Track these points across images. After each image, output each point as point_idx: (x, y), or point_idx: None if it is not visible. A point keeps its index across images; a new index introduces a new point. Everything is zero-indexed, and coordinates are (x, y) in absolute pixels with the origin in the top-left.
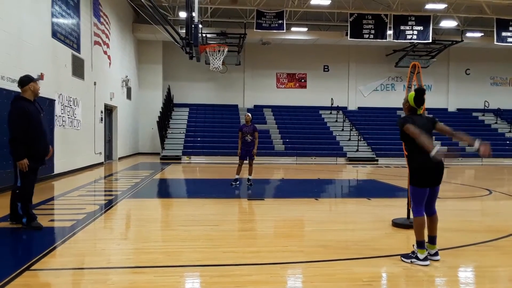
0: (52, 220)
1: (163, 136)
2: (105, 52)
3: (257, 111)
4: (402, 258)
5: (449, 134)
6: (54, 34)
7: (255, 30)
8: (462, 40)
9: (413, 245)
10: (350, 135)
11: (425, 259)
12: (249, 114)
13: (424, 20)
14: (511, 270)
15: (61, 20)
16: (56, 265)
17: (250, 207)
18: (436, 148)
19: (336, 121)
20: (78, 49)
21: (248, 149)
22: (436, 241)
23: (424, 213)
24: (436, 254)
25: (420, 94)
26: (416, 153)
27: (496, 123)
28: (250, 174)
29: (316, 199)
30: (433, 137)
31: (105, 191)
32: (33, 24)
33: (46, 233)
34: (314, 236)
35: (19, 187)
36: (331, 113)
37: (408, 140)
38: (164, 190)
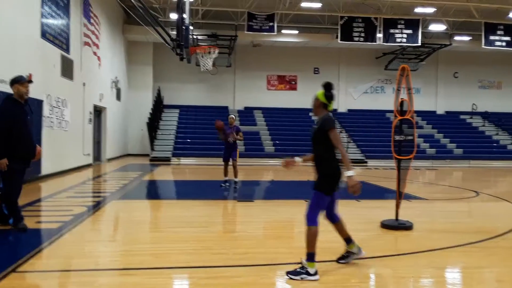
0: (39, 222)
1: (152, 138)
2: (94, 53)
3: (248, 112)
4: (289, 276)
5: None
6: (44, 35)
7: (246, 32)
8: (450, 44)
9: (302, 259)
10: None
11: (316, 273)
12: (233, 116)
13: (413, 23)
14: (498, 271)
15: (50, 21)
16: (43, 267)
17: (240, 209)
18: (353, 171)
19: None
20: (67, 50)
21: (231, 151)
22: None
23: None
24: (360, 250)
25: (329, 88)
26: (331, 159)
27: (483, 125)
28: (235, 176)
29: (306, 201)
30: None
31: (93, 192)
32: (23, 24)
33: (33, 235)
34: (303, 238)
35: (2, 189)
36: None
37: (325, 143)
38: (153, 191)
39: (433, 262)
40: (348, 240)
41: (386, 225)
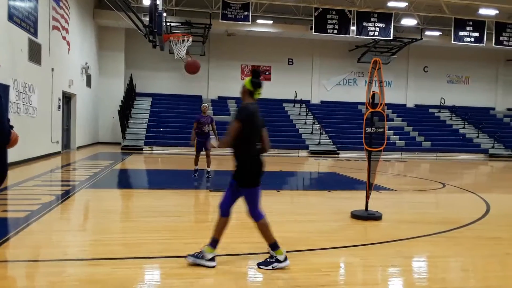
0: (5, 211)
1: (124, 126)
2: (64, 38)
3: (221, 102)
4: (261, 267)
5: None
6: (11, 17)
7: (220, 20)
8: (421, 38)
9: (269, 250)
10: (312, 128)
11: (286, 258)
12: (206, 105)
13: (386, 17)
14: (463, 260)
15: (18, 3)
16: (9, 257)
17: (212, 199)
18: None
19: (299, 114)
20: (35, 34)
21: (205, 140)
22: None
23: (228, 215)
24: (212, 259)
25: (257, 75)
26: (247, 150)
27: (451, 119)
28: (208, 166)
29: (278, 191)
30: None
31: (62, 181)
32: None
33: None
34: (275, 228)
35: None
36: (294, 106)
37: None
38: (124, 180)
39: (401, 252)
40: (215, 242)
41: (356, 216)
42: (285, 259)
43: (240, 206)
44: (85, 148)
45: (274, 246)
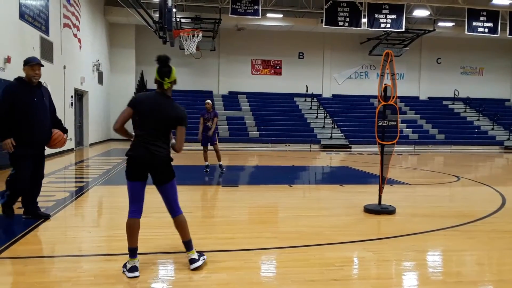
0: (21, 207)
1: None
2: (75, 35)
3: (232, 97)
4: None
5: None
6: (22, 16)
7: (230, 15)
8: (434, 30)
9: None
10: (324, 122)
11: (132, 269)
12: (209, 102)
13: (397, 8)
14: (478, 254)
15: (29, 1)
16: (25, 253)
17: (224, 194)
18: None
19: (311, 108)
20: (47, 32)
21: (210, 136)
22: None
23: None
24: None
25: (160, 62)
26: (135, 138)
27: (465, 111)
28: (219, 160)
29: (290, 186)
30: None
31: (75, 177)
32: (0, 4)
33: (15, 221)
34: (288, 222)
35: (12, 174)
36: (305, 100)
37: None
38: None
39: (415, 246)
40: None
41: (369, 210)
42: (131, 269)
43: (252, 203)
44: (97, 145)
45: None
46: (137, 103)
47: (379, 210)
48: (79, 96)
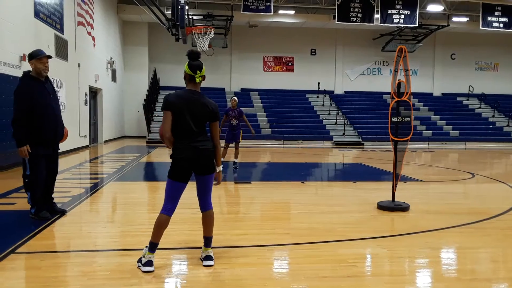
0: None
1: (149, 119)
2: (89, 33)
3: (244, 94)
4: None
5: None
6: (37, 14)
7: (242, 12)
8: (448, 25)
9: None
10: (336, 119)
11: (148, 264)
12: (236, 98)
13: (411, 4)
14: (493, 251)
15: (44, 0)
16: (41, 248)
17: (237, 190)
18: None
19: (323, 105)
20: (61, 30)
21: (234, 132)
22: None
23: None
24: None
25: (192, 56)
26: (175, 142)
27: (480, 107)
28: (236, 157)
29: (303, 182)
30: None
31: (90, 174)
32: (15, 3)
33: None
34: (301, 219)
35: (28, 176)
36: (318, 97)
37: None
38: (150, 173)
39: (429, 243)
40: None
41: (383, 207)
42: (147, 263)
43: (265, 200)
44: (112, 142)
45: (152, 245)
46: (172, 104)
47: (393, 207)
48: (93, 93)
